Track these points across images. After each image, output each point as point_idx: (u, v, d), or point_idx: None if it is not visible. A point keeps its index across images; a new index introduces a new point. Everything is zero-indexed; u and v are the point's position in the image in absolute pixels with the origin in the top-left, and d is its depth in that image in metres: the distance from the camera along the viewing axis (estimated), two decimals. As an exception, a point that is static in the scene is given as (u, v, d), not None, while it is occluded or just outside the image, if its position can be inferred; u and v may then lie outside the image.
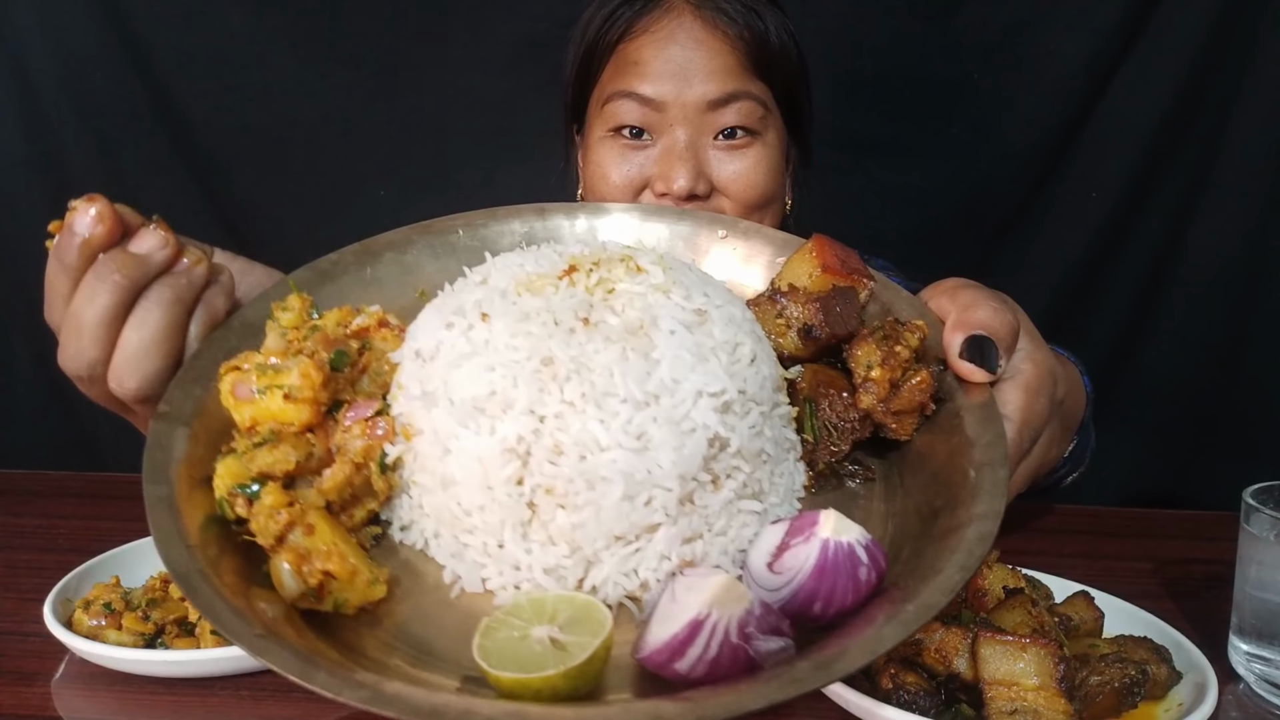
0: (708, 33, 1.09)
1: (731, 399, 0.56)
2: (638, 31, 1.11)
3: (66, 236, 0.61)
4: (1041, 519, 1.19)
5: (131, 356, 0.59)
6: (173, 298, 0.60)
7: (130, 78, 1.85)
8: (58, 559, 0.92)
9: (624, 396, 0.52)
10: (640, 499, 0.52)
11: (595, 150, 1.15)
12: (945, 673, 0.75)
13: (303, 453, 0.56)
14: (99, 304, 0.59)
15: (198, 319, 0.62)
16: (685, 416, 0.53)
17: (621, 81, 1.11)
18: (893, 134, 1.79)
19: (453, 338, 0.57)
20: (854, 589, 0.53)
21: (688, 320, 0.57)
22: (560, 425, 0.52)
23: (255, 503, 0.54)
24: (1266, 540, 0.77)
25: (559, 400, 0.52)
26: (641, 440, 0.52)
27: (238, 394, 0.57)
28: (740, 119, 1.10)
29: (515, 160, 1.80)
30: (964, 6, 1.73)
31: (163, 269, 0.61)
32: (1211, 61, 1.70)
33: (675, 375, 0.54)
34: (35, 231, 2.19)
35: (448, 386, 0.55)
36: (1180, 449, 1.86)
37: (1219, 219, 1.75)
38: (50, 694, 0.77)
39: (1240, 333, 1.80)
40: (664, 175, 1.08)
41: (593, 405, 0.52)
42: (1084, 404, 1.01)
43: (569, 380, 0.52)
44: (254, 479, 0.55)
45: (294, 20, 1.82)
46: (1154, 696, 0.74)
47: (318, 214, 1.89)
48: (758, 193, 1.11)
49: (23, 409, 2.00)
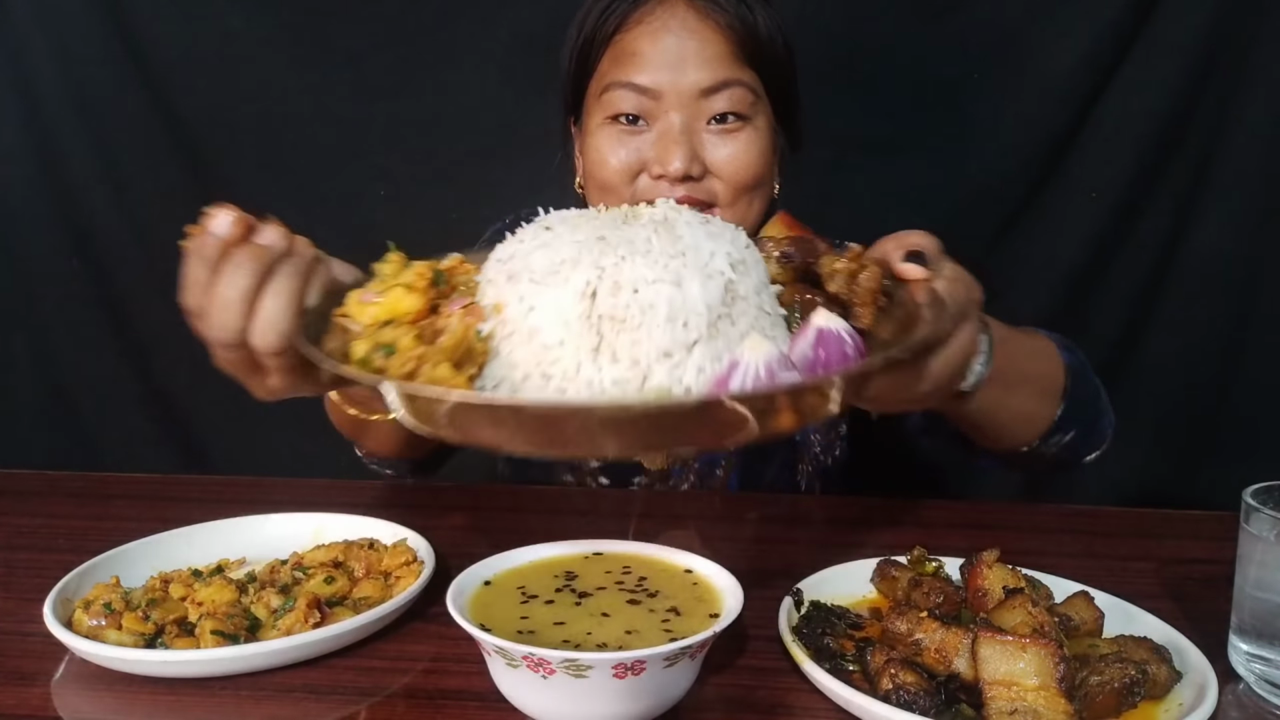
0: (700, 23, 1.16)
1: (737, 260, 0.75)
2: (633, 23, 1.17)
3: (207, 237, 0.78)
4: (1041, 519, 1.19)
5: (271, 320, 0.76)
6: (293, 272, 0.78)
7: (130, 78, 1.85)
8: (58, 559, 0.92)
9: (661, 251, 0.72)
10: (679, 321, 0.70)
11: (594, 137, 1.21)
12: (945, 673, 0.75)
13: (419, 330, 0.74)
14: (240, 285, 0.76)
15: (312, 286, 0.80)
16: (706, 264, 0.72)
17: (619, 72, 1.17)
18: (893, 134, 1.79)
19: (526, 245, 0.76)
20: (842, 358, 0.71)
21: (701, 219, 0.78)
22: (616, 271, 0.70)
23: (390, 355, 0.70)
24: (1266, 540, 0.77)
25: (615, 256, 0.71)
26: (677, 278, 0.70)
27: (363, 299, 0.75)
28: (732, 105, 1.16)
29: (515, 160, 1.80)
30: (964, 6, 1.73)
31: (283, 254, 0.79)
32: (1211, 62, 1.70)
33: (696, 243, 0.73)
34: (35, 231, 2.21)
35: (528, 265, 0.73)
36: (1180, 449, 1.86)
37: (1219, 219, 1.76)
38: (50, 694, 0.77)
39: (1240, 332, 1.80)
40: (660, 158, 1.15)
41: (640, 256, 0.71)
42: (1058, 371, 1.09)
43: (619, 246, 0.72)
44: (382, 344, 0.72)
45: (294, 20, 1.82)
46: (1154, 696, 0.74)
47: (318, 213, 1.89)
48: (749, 174, 1.18)
49: (23, 409, 2.00)
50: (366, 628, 0.82)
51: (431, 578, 0.89)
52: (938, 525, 1.14)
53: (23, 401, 1.99)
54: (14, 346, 1.98)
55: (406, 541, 0.96)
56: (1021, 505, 1.24)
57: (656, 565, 0.82)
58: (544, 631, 0.72)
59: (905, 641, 0.78)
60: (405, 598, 0.85)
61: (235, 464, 1.99)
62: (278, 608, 0.84)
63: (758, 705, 0.76)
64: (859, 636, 0.82)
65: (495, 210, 1.48)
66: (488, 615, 0.73)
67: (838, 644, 0.80)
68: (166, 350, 1.97)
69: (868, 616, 0.86)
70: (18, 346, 1.98)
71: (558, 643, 0.70)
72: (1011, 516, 1.20)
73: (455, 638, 0.85)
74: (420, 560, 0.93)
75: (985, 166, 1.78)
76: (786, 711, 0.75)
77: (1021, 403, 1.05)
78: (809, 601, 0.86)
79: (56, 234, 1.92)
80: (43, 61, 1.85)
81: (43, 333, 1.97)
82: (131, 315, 1.96)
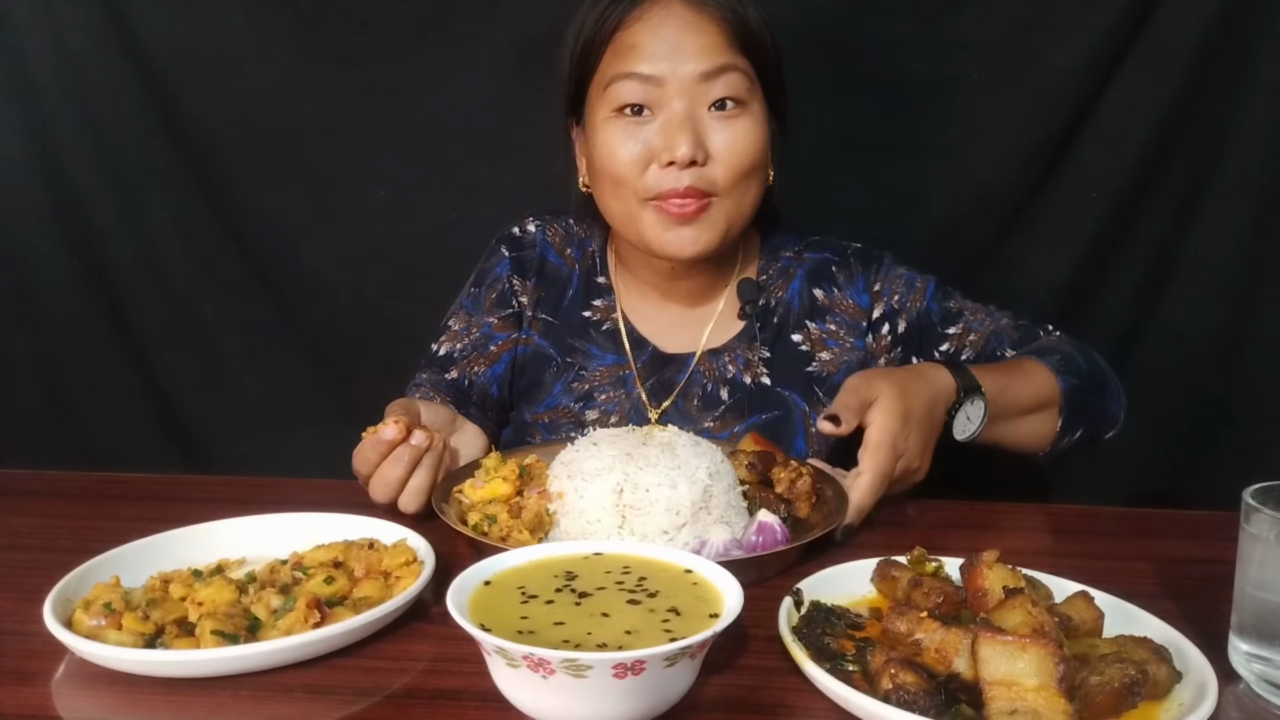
0: (695, 15, 1.24)
1: (714, 471, 1.04)
2: (631, 20, 1.25)
3: (380, 439, 1.10)
4: (1041, 519, 1.19)
5: (414, 494, 1.10)
6: (432, 464, 1.11)
7: (130, 77, 1.85)
8: (58, 559, 0.92)
9: (665, 465, 1.02)
10: (673, 511, 1.00)
11: (600, 132, 1.28)
12: (945, 673, 0.75)
13: (510, 507, 1.05)
14: (397, 474, 1.09)
15: (442, 467, 1.15)
16: (693, 474, 1.02)
17: (621, 64, 1.24)
18: (893, 134, 1.79)
19: (580, 454, 1.06)
20: (773, 543, 0.99)
21: (693, 441, 1.08)
22: (636, 476, 1.01)
23: (493, 524, 1.02)
24: (1266, 540, 0.77)
25: (635, 467, 1.01)
26: (673, 482, 1.00)
27: (475, 486, 1.07)
28: (730, 90, 1.24)
29: (515, 160, 1.81)
30: (964, 6, 1.73)
31: (426, 449, 1.10)
32: (1211, 62, 1.70)
33: (687, 459, 1.03)
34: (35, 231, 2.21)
35: (580, 469, 1.03)
36: (1180, 449, 1.86)
37: (1219, 219, 1.76)
38: (50, 694, 0.77)
39: (1241, 333, 1.80)
40: (668, 145, 1.23)
41: (651, 467, 1.01)
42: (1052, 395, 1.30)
43: (638, 460, 1.02)
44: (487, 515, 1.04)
45: (294, 20, 1.82)
46: (1154, 696, 0.74)
47: (318, 213, 1.89)
48: (747, 160, 1.26)
49: (23, 409, 2.00)
50: (366, 628, 0.82)
51: (431, 578, 0.89)
52: (938, 525, 1.14)
53: (23, 401, 1.99)
54: (14, 346, 1.98)
55: (406, 541, 0.96)
56: (1021, 505, 1.24)
57: (656, 565, 0.82)
58: (544, 631, 0.72)
59: (905, 641, 0.78)
60: (405, 598, 0.85)
61: (235, 464, 1.99)
62: (278, 608, 0.84)
63: (758, 705, 0.76)
64: (859, 636, 0.82)
65: (495, 210, 1.48)
66: (488, 615, 0.74)
67: (838, 644, 0.80)
68: (166, 351, 1.97)
69: (868, 616, 0.86)
70: (18, 346, 1.98)
71: (558, 643, 0.70)
72: (1011, 516, 1.20)
73: (455, 638, 0.85)
74: (420, 560, 0.93)
75: (985, 166, 1.78)
76: (786, 711, 0.75)
77: (1021, 432, 1.31)
78: (809, 601, 0.86)
79: (56, 234, 1.92)
80: (43, 61, 1.85)
81: (43, 333, 1.97)
82: (131, 316, 1.96)
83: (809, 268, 1.44)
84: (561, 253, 1.47)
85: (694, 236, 1.27)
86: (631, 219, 1.29)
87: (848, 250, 1.45)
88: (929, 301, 1.41)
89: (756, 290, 1.41)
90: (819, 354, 1.40)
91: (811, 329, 1.41)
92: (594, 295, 1.45)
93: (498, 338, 1.44)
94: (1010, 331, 1.41)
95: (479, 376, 1.42)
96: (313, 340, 1.96)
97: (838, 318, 1.41)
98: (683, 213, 1.25)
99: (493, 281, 1.45)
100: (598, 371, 1.41)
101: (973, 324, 1.41)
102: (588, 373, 1.41)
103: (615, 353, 1.42)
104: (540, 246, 1.46)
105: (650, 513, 0.99)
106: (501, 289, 1.45)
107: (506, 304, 1.45)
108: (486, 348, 1.43)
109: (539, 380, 1.43)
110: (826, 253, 1.45)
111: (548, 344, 1.43)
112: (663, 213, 1.26)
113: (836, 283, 1.43)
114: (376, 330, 1.93)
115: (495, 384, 1.43)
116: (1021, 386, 1.27)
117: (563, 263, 1.46)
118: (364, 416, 2.00)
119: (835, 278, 1.43)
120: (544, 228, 1.48)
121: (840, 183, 1.79)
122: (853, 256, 1.45)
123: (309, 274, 1.90)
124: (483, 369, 1.42)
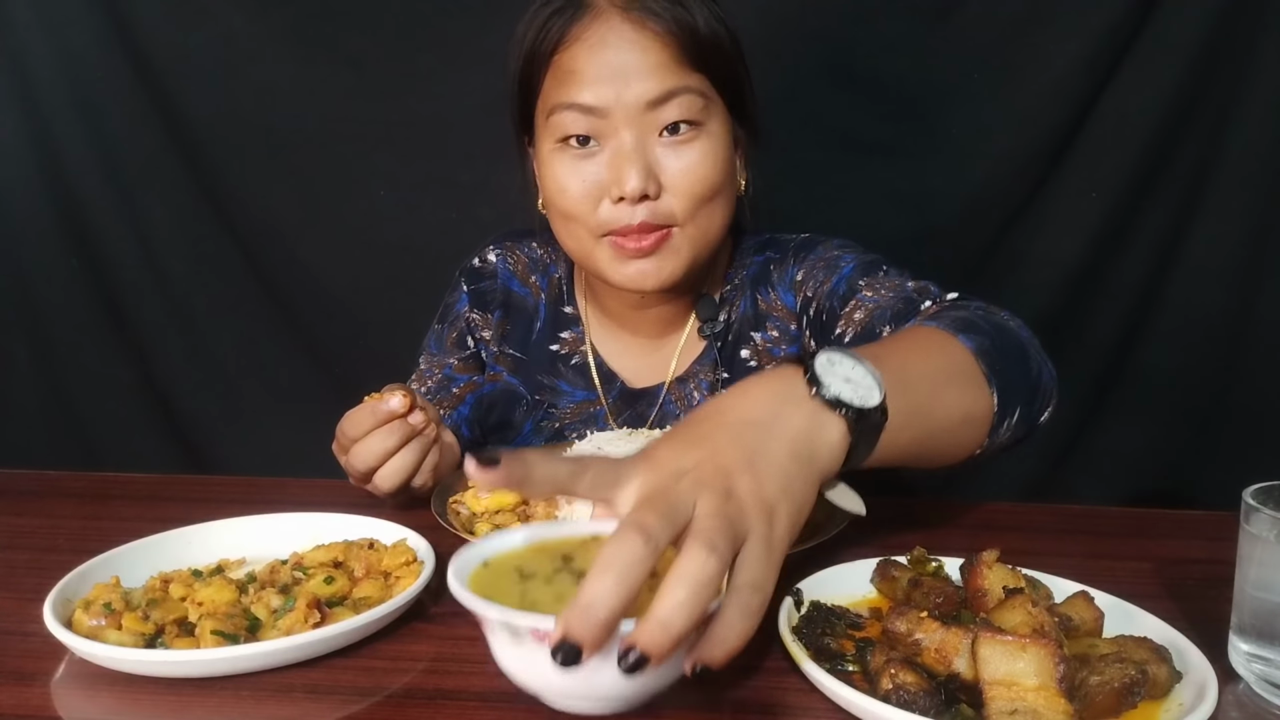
0: (637, 33, 1.12)
1: None
2: (570, 40, 1.14)
3: (381, 406, 1.03)
4: (1041, 519, 1.19)
5: (392, 474, 1.05)
6: (421, 447, 1.06)
7: (130, 78, 1.85)
8: (58, 559, 0.92)
9: None
10: None
11: (549, 165, 1.19)
12: (945, 673, 0.75)
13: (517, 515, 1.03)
14: (386, 445, 1.04)
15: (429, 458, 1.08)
16: None
17: (562, 93, 1.14)
18: (892, 134, 1.79)
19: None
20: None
21: None
22: None
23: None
24: (1266, 540, 0.77)
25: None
26: None
27: (479, 494, 1.04)
28: (681, 113, 1.13)
29: (515, 160, 1.81)
30: (964, 6, 1.73)
31: (418, 430, 1.05)
32: (1211, 62, 1.70)
33: None
34: (35, 231, 2.21)
35: None
36: (1180, 449, 1.86)
37: (1219, 219, 1.76)
38: (50, 694, 0.77)
39: (1241, 333, 1.80)
40: (616, 179, 1.13)
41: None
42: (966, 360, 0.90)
43: None
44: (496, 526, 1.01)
45: (294, 20, 1.82)
46: (1154, 696, 0.74)
47: (317, 214, 1.90)
48: (704, 186, 1.15)
49: (23, 409, 2.00)
50: (366, 628, 0.82)
51: (431, 578, 0.89)
52: (938, 525, 1.14)
53: (23, 401, 2.00)
54: (14, 346, 1.98)
55: (406, 541, 0.96)
56: (1021, 505, 1.24)
57: None
58: (546, 608, 0.71)
59: (905, 641, 0.78)
60: (405, 598, 0.85)
61: (235, 464, 1.99)
62: (278, 608, 0.84)
63: (758, 705, 0.76)
64: (859, 636, 0.82)
65: (494, 211, 1.48)
66: (488, 594, 0.73)
67: (838, 644, 0.80)
68: (166, 350, 1.97)
69: (868, 616, 0.86)
70: (18, 346, 1.98)
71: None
72: (1011, 516, 1.20)
73: (455, 638, 0.85)
74: (420, 560, 0.93)
75: (985, 166, 1.78)
76: (786, 711, 0.75)
77: (941, 416, 0.87)
78: (809, 601, 0.86)
79: (56, 234, 1.92)
80: (43, 61, 1.85)
81: (43, 333, 1.97)
82: (131, 316, 1.96)
83: (753, 273, 1.31)
84: (525, 281, 1.39)
85: (656, 268, 1.17)
86: (588, 255, 1.20)
87: (790, 244, 1.31)
88: (837, 282, 1.20)
89: (714, 307, 1.29)
90: (766, 367, 1.27)
91: (757, 341, 1.30)
92: (561, 326, 1.37)
93: (459, 379, 1.39)
94: (896, 304, 1.12)
95: (447, 419, 1.36)
96: (312, 340, 1.97)
97: (777, 323, 1.29)
98: (640, 247, 1.15)
99: (454, 320, 1.41)
100: (569, 409, 1.35)
101: (865, 299, 1.15)
102: (558, 410, 1.35)
103: (585, 388, 1.34)
104: (503, 277, 1.39)
105: None
106: (460, 328, 1.40)
107: (464, 344, 1.39)
108: (449, 390, 1.39)
109: (508, 420, 1.38)
110: (769, 252, 1.32)
111: (517, 381, 1.37)
112: (619, 248, 1.16)
113: (771, 283, 1.30)
114: (376, 330, 1.93)
115: (464, 424, 1.38)
116: (917, 357, 0.88)
117: (528, 292, 1.38)
118: (364, 416, 1.96)
119: (771, 278, 1.30)
120: (504, 256, 1.40)
121: (840, 183, 1.79)
122: (792, 250, 1.30)
123: (309, 274, 1.90)
124: (448, 412, 1.38)
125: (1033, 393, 0.98)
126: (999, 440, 0.95)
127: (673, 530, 0.61)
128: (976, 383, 0.89)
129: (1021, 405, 0.95)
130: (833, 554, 1.00)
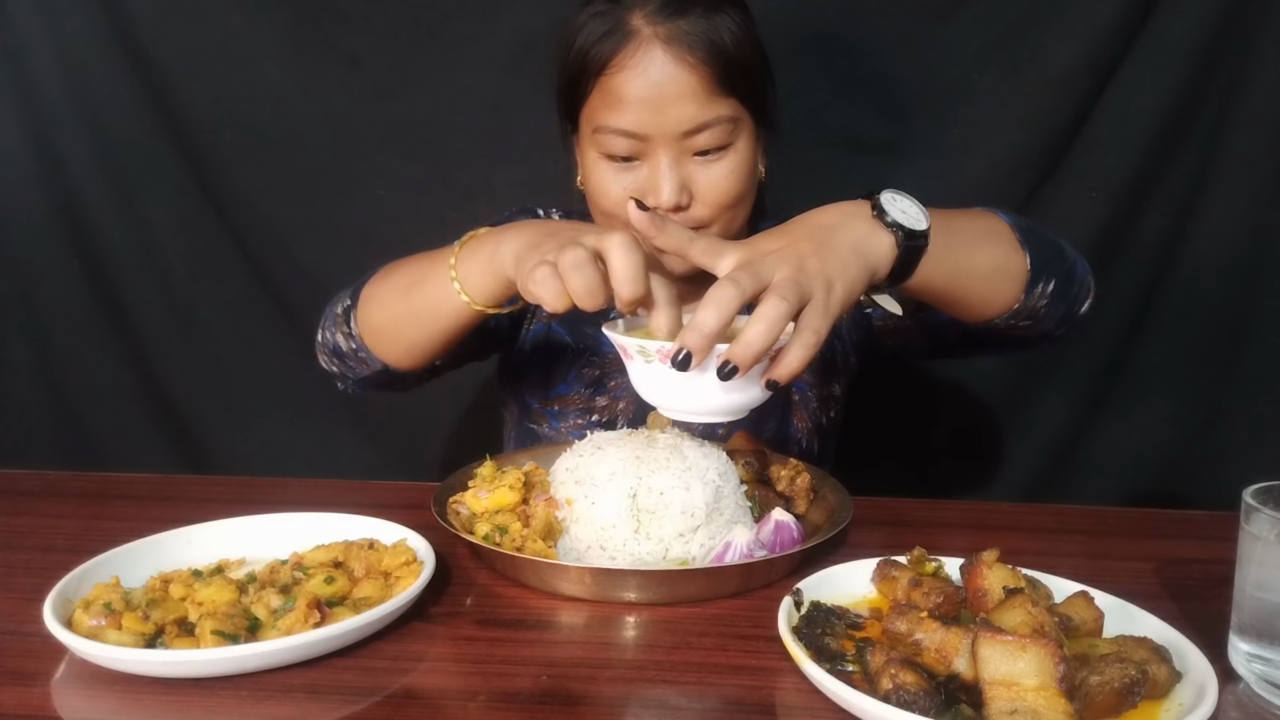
0: (675, 66, 1.21)
1: (722, 471, 1.04)
2: (615, 67, 1.23)
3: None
4: (1041, 519, 1.19)
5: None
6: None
7: (130, 78, 1.85)
8: (57, 559, 0.92)
9: (676, 467, 1.01)
10: (688, 514, 0.99)
11: (593, 169, 1.29)
12: (945, 673, 0.75)
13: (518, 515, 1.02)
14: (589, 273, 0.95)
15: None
16: (704, 475, 1.02)
17: (608, 115, 1.24)
18: (893, 134, 1.79)
19: (585, 459, 1.05)
20: (791, 541, 1.01)
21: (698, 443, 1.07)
22: (650, 480, 1.00)
23: (504, 535, 0.98)
24: (1266, 540, 0.77)
25: (647, 470, 1.01)
26: (686, 485, 1.00)
27: (478, 495, 1.03)
28: (712, 142, 1.24)
29: (515, 160, 1.81)
30: (964, 7, 1.73)
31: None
32: (1211, 62, 1.70)
33: (696, 461, 1.03)
34: (35, 231, 2.20)
35: (590, 474, 1.02)
36: (1180, 449, 1.86)
37: (1219, 219, 1.76)
38: (50, 694, 0.77)
39: (1241, 332, 1.80)
40: (654, 190, 1.24)
41: (663, 470, 1.01)
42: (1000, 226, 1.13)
43: (649, 464, 1.02)
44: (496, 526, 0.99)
45: (294, 20, 1.82)
46: (1154, 696, 0.74)
47: (317, 214, 1.89)
48: (730, 197, 1.27)
49: (23, 409, 2.00)
50: (366, 628, 0.82)
51: (431, 578, 0.89)
52: (938, 525, 1.14)
53: (23, 401, 1.99)
54: (14, 346, 1.98)
55: (406, 541, 0.96)
56: (1021, 505, 1.24)
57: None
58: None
59: (905, 641, 0.78)
60: (405, 598, 0.85)
61: (235, 464, 1.99)
62: (278, 608, 0.84)
63: (758, 705, 0.76)
64: (859, 636, 0.82)
65: (494, 211, 1.48)
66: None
67: (838, 644, 0.80)
68: (166, 350, 1.97)
69: (868, 616, 0.86)
70: (18, 346, 1.98)
71: None
72: (1011, 516, 1.20)
73: (455, 638, 0.85)
74: (420, 560, 0.93)
75: (985, 166, 1.78)
76: (786, 711, 0.75)
77: (980, 261, 1.08)
78: (809, 601, 0.86)
79: (56, 234, 1.92)
80: (43, 61, 1.85)
81: (43, 333, 1.97)
82: (131, 316, 1.96)
83: None
84: None
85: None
86: None
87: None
88: None
89: None
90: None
91: None
92: None
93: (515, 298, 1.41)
94: None
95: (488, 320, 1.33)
96: (312, 340, 1.96)
97: None
98: None
99: None
100: (610, 357, 1.40)
101: None
102: (599, 358, 1.41)
103: None
104: None
105: (665, 516, 0.98)
106: None
107: None
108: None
109: (551, 368, 1.42)
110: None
111: (563, 330, 1.43)
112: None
113: None
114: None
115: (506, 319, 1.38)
116: (961, 218, 1.10)
117: None
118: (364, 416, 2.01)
119: None
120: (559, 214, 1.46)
121: (840, 183, 1.78)
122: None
123: (309, 274, 1.90)
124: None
125: (1068, 274, 1.18)
126: (1033, 303, 1.13)
127: (757, 286, 0.86)
128: (1011, 244, 1.11)
129: (1057, 280, 1.15)
130: (833, 554, 1.00)
